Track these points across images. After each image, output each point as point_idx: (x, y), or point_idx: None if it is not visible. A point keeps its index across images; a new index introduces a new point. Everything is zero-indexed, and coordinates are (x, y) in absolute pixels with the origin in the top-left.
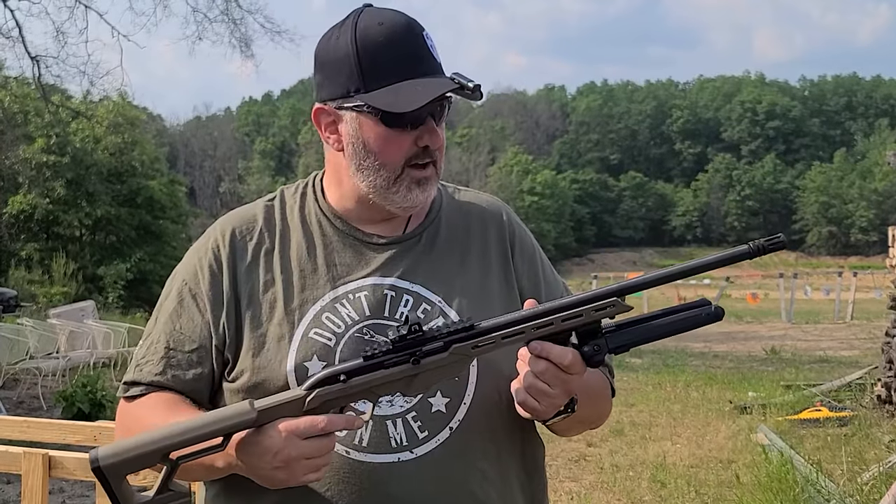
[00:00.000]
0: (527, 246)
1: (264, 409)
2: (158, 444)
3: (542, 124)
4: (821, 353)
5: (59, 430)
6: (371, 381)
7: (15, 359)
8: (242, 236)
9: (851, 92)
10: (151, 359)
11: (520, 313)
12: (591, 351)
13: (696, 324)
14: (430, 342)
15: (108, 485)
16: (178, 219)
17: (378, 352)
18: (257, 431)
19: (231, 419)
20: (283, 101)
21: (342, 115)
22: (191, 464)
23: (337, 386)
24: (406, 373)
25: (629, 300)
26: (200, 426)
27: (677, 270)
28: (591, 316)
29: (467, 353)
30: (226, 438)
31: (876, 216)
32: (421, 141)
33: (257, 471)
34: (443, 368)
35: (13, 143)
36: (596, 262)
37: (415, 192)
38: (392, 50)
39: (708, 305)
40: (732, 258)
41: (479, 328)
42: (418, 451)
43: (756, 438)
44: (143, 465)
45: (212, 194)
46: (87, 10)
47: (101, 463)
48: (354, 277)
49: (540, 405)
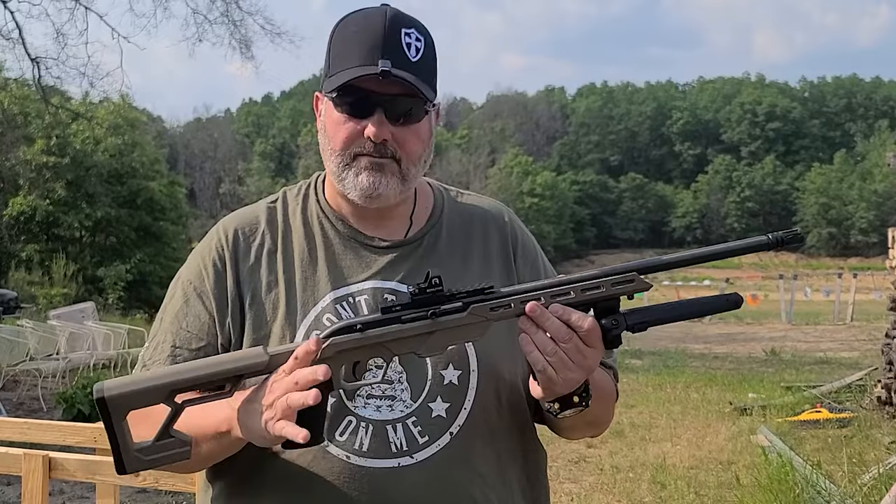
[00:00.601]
0: (529, 250)
1: (276, 354)
2: (166, 380)
3: (542, 125)
4: (821, 355)
5: (59, 432)
6: (387, 334)
7: (15, 360)
8: (245, 237)
9: (851, 93)
10: (158, 358)
11: (539, 283)
12: (609, 324)
13: (716, 308)
14: (448, 301)
15: (109, 419)
16: (178, 220)
17: (396, 305)
18: (261, 385)
19: (242, 360)
20: (282, 102)
21: (323, 101)
22: (196, 426)
23: (352, 335)
24: (422, 329)
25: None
26: (211, 364)
27: (696, 254)
28: (609, 290)
29: (485, 315)
30: (233, 386)
31: (876, 217)
32: (367, 131)
33: (254, 420)
34: (459, 329)
35: (13, 145)
36: (596, 264)
37: (362, 177)
38: (358, 39)
39: (726, 294)
40: (750, 248)
41: (499, 292)
42: (418, 457)
43: (756, 440)
44: (148, 400)
45: (212, 196)
46: (88, 11)
47: (105, 394)
48: (355, 280)
49: (557, 375)
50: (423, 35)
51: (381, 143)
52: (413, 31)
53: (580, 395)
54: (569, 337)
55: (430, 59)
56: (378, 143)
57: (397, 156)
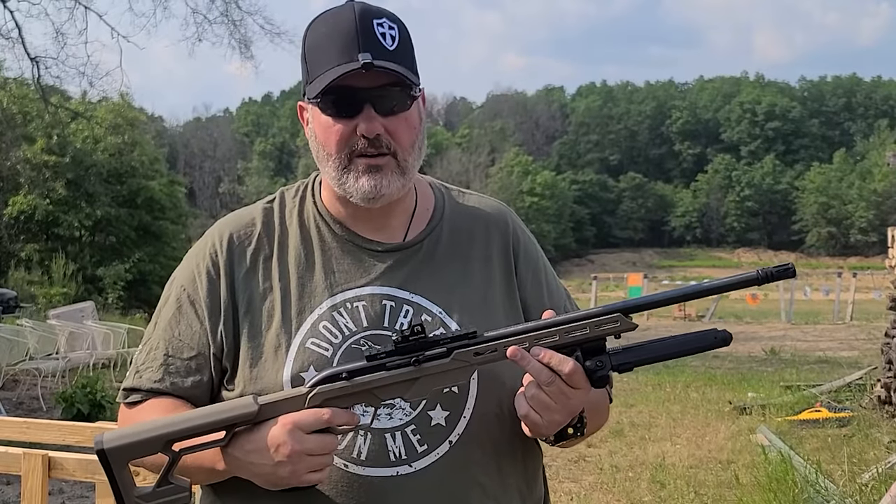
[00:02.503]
0: (531, 255)
1: (267, 403)
2: (161, 431)
3: (542, 125)
4: (820, 354)
5: (58, 431)
6: (372, 382)
7: (14, 360)
8: (241, 241)
9: (851, 92)
10: (151, 365)
11: (523, 325)
12: (593, 366)
13: (705, 346)
14: (432, 347)
15: (110, 470)
16: (178, 219)
17: (381, 353)
18: (258, 427)
19: (233, 411)
20: (282, 101)
21: (308, 108)
22: (193, 464)
23: (339, 383)
24: (407, 376)
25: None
26: (203, 416)
27: (681, 293)
28: (594, 331)
29: (469, 360)
30: (228, 433)
31: (875, 217)
32: (359, 129)
33: (259, 468)
34: (444, 374)
35: (13, 144)
36: (595, 263)
37: (363, 181)
38: (332, 39)
39: (715, 330)
40: (740, 283)
41: (482, 336)
42: (417, 465)
43: (756, 439)
44: (145, 451)
45: (211, 195)
46: (87, 11)
47: (105, 446)
48: (353, 286)
49: (542, 419)
50: (395, 22)
51: (375, 137)
52: (385, 21)
53: (574, 427)
54: (551, 380)
55: (407, 44)
56: (372, 139)
57: (392, 148)
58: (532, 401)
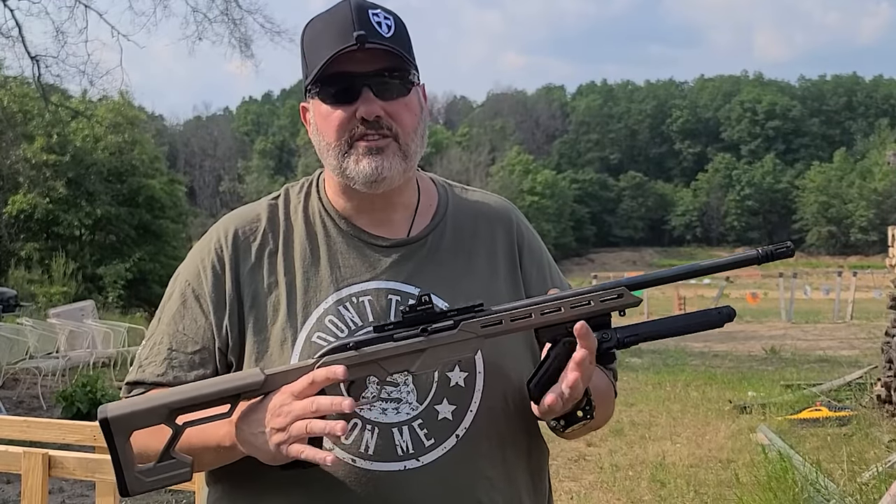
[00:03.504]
0: (535, 249)
1: (273, 374)
2: (166, 400)
3: (542, 124)
4: (820, 353)
5: (58, 430)
6: (380, 352)
7: (15, 358)
8: (245, 237)
9: (851, 91)
10: (154, 360)
11: (529, 300)
12: (599, 338)
13: (709, 323)
14: (440, 319)
15: (112, 440)
16: (178, 218)
17: (389, 324)
18: (261, 400)
19: (239, 380)
20: (282, 100)
21: (309, 106)
22: (199, 442)
23: (346, 353)
24: (415, 346)
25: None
26: (209, 385)
27: (685, 270)
28: (598, 305)
29: (476, 332)
30: (233, 405)
31: (876, 216)
32: (358, 112)
33: (258, 439)
34: (451, 346)
35: (13, 143)
36: (596, 262)
37: (364, 163)
38: (328, 30)
39: (718, 307)
40: (741, 262)
41: (489, 309)
42: (424, 460)
43: (756, 438)
44: (149, 421)
45: (211, 194)
46: (87, 9)
47: (108, 415)
48: (358, 280)
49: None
50: (392, 16)
51: (375, 120)
52: (380, 12)
53: (583, 409)
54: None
55: (404, 35)
56: (372, 121)
57: (394, 130)
58: (585, 378)
